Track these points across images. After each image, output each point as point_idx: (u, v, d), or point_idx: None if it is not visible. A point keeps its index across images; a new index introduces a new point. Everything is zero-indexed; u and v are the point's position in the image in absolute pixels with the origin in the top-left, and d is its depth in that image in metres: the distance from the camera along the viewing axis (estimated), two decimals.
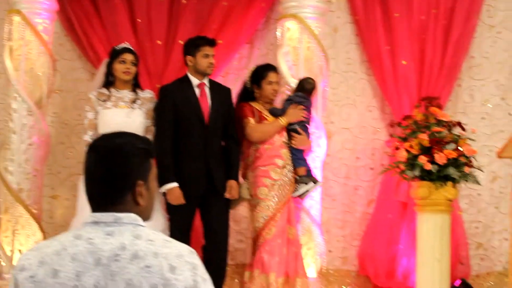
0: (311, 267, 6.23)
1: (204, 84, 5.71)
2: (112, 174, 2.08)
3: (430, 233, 5.77)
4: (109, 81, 5.68)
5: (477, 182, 5.87)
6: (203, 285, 2.03)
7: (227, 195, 5.62)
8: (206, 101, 5.67)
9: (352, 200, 6.97)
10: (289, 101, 6.02)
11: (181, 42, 6.13)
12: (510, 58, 7.05)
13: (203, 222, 5.65)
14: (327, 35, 6.80)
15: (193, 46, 5.71)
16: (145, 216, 2.15)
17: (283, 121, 5.87)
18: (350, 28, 7.05)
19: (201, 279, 2.03)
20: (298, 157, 5.95)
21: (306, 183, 5.93)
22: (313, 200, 6.30)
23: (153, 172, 2.17)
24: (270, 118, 5.91)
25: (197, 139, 5.58)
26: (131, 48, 5.73)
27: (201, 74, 5.69)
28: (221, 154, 5.68)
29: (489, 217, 6.97)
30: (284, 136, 5.92)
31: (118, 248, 2.01)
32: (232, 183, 5.65)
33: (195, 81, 5.69)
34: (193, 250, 2.08)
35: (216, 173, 5.59)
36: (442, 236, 5.77)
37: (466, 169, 5.74)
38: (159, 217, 5.47)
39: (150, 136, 5.52)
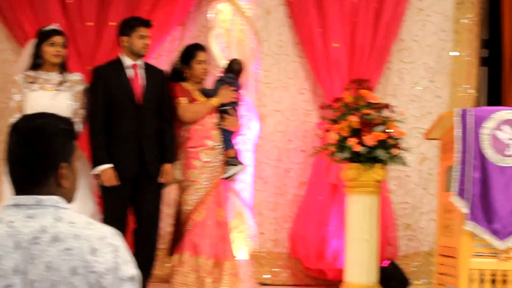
0: (243, 249, 6.25)
1: (137, 65, 5.65)
2: (34, 155, 2.05)
3: (359, 214, 5.84)
4: (37, 63, 5.56)
5: (405, 164, 5.96)
6: (124, 266, 2.01)
7: (161, 179, 5.59)
8: (139, 82, 5.61)
9: (284, 183, 7.01)
10: (220, 81, 6.00)
11: (113, 24, 6.05)
12: (439, 41, 7.17)
13: (134, 205, 5.60)
14: (259, 17, 6.80)
15: (128, 26, 5.64)
16: (69, 198, 2.12)
17: (215, 101, 5.85)
18: (283, 11, 7.07)
19: (122, 261, 2.01)
20: (227, 138, 5.94)
21: (236, 165, 5.92)
22: (245, 182, 6.31)
23: (77, 153, 2.14)
24: (201, 98, 5.88)
25: (130, 120, 5.52)
26: (60, 30, 5.63)
27: (135, 55, 5.62)
28: (155, 136, 5.62)
29: (417, 198, 7.10)
30: (214, 117, 5.90)
31: (39, 231, 1.98)
32: (167, 167, 5.60)
33: (128, 62, 5.62)
34: (116, 231, 2.06)
35: (149, 156, 5.54)
36: (371, 217, 5.84)
37: (395, 151, 5.82)
38: (89, 201, 5.41)
39: (78, 119, 5.44)
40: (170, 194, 6.29)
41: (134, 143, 5.51)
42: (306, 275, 6.88)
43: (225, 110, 5.90)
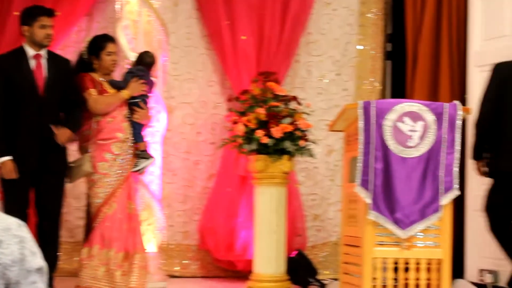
0: (152, 242, 6.22)
1: (41, 55, 5.52)
2: None
3: (267, 205, 5.89)
4: None
5: (312, 155, 6.04)
6: (31, 258, 1.98)
7: (56, 138, 5.42)
8: (41, 73, 5.48)
9: (193, 175, 7.01)
10: (130, 73, 5.93)
11: (17, 14, 5.91)
12: (345, 34, 7.29)
13: (36, 198, 5.50)
14: (167, 9, 6.77)
15: (29, 15, 5.50)
16: None
17: (125, 94, 5.78)
18: (191, 2, 7.06)
19: (29, 252, 1.98)
20: (138, 131, 5.89)
21: (146, 158, 5.88)
22: (153, 175, 6.28)
23: None
24: (110, 90, 5.80)
25: (32, 112, 5.38)
26: None
27: (37, 45, 5.49)
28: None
29: (325, 189, 7.21)
30: (125, 110, 5.84)
31: None
32: (65, 130, 5.44)
33: (30, 52, 5.48)
34: (22, 223, 2.03)
35: (50, 148, 5.43)
36: (279, 208, 5.90)
37: (302, 143, 5.89)
38: None
39: None
40: (78, 187, 6.21)
41: (35, 135, 5.38)
42: (215, 267, 6.90)
43: (136, 103, 5.85)
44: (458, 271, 6.28)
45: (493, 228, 5.24)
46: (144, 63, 6.00)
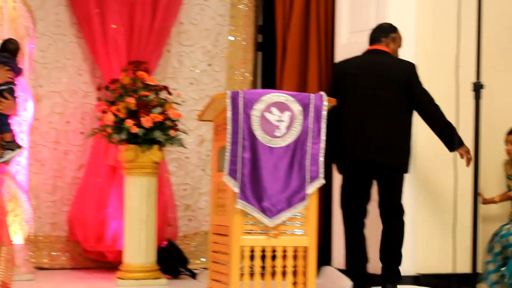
0: (18, 234, 6.08)
1: None
2: None
3: (137, 196, 5.86)
4: None
5: (183, 145, 6.05)
6: None
7: None
8: None
9: (62, 165, 6.87)
10: None
11: None
12: (216, 25, 7.33)
13: None
14: None
15: None
16: None
17: None
18: None
19: None
20: (4, 122, 5.71)
21: (13, 149, 5.72)
22: (20, 165, 6.12)
23: None
24: None
25: None
26: None
27: None
28: None
29: (196, 179, 7.24)
30: None
31: None
32: None
33: None
34: None
35: None
36: (149, 198, 5.88)
37: (172, 132, 5.89)
38: None
39: None
40: None
41: None
42: (85, 258, 6.81)
43: (0, 92, 5.67)
44: (325, 258, 6.46)
45: (345, 225, 5.37)
46: (8, 50, 5.81)
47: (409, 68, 5.25)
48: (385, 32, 5.41)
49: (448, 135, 5.17)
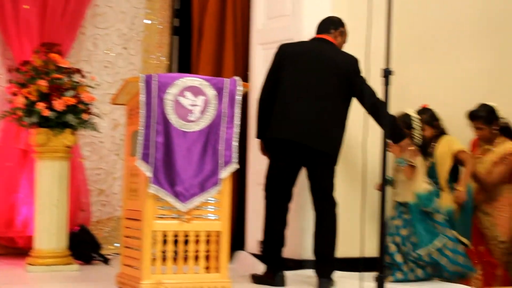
0: None
1: None
2: None
3: (48, 180, 5.76)
4: None
5: (96, 129, 5.97)
6: None
7: None
8: None
9: None
10: None
11: None
12: (132, 8, 7.26)
13: None
14: None
15: None
16: None
17: None
18: None
19: None
20: None
21: None
22: None
23: None
24: None
25: None
26: None
27: None
28: None
29: (110, 164, 7.17)
30: None
31: None
32: None
33: None
34: None
35: None
36: (61, 183, 5.79)
37: (85, 116, 5.80)
38: None
39: None
40: None
41: None
42: None
43: None
44: (239, 243, 6.49)
45: (267, 208, 5.35)
46: None
47: (352, 62, 5.29)
48: (335, 25, 5.49)
49: (392, 128, 5.17)
